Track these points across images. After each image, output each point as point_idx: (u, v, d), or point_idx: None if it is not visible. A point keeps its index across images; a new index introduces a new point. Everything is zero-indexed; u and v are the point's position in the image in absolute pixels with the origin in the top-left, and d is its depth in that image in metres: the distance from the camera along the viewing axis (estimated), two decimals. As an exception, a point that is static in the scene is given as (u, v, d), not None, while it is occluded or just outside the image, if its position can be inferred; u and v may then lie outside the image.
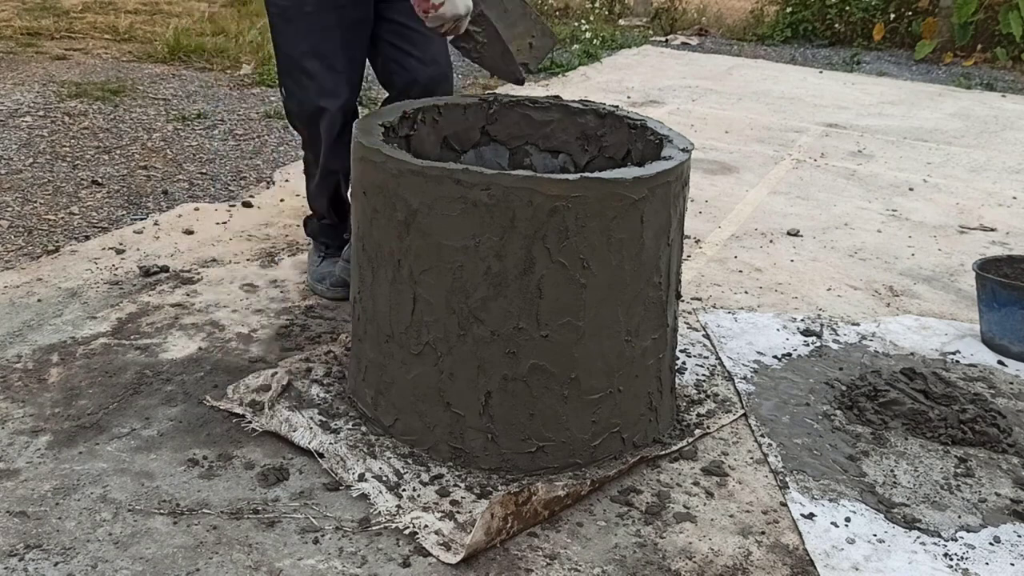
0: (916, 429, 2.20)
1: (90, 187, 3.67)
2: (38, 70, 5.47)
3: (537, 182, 1.79)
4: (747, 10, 9.09)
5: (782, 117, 5.49)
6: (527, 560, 1.73)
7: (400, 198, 1.88)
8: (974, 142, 5.16)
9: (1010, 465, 2.10)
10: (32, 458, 1.95)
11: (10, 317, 2.54)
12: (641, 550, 1.78)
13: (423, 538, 1.75)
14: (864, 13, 8.25)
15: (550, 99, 2.37)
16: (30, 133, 4.29)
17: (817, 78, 6.80)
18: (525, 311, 1.86)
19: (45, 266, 2.88)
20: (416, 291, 1.91)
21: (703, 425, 2.20)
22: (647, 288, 1.96)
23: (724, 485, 2.00)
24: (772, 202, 3.94)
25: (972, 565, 1.78)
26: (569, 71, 6.47)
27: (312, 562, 1.69)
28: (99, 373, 2.28)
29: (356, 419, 2.12)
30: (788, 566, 1.76)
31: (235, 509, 1.82)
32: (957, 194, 4.20)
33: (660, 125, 2.21)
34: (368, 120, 2.10)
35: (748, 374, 2.45)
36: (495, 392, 1.91)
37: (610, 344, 1.93)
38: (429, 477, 1.94)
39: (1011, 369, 2.57)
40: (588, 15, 8.73)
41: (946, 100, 6.24)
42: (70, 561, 1.66)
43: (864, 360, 2.56)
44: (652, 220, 1.91)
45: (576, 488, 1.87)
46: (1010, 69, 7.47)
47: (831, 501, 1.94)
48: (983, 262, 2.74)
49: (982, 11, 7.70)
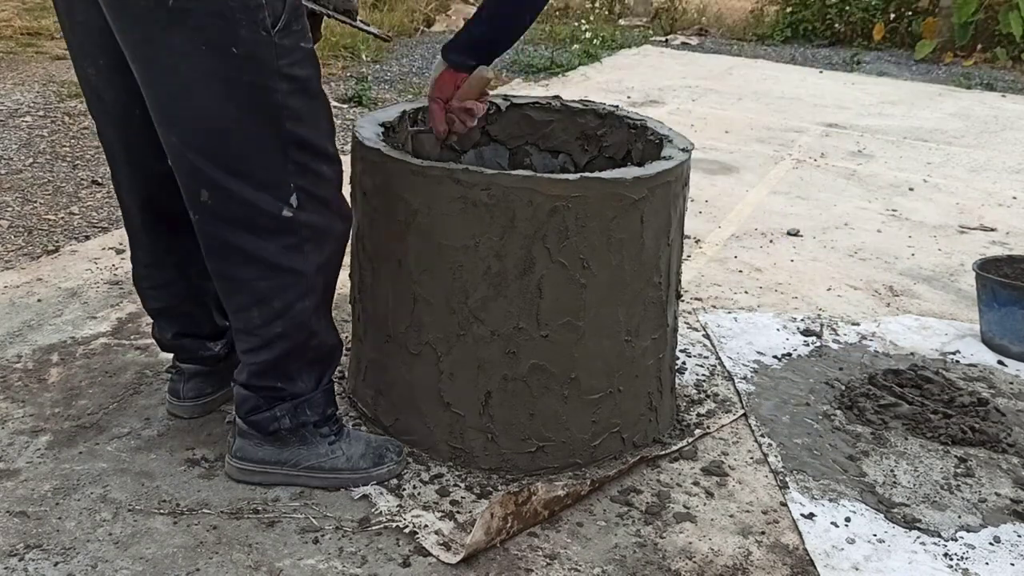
0: (916, 429, 2.20)
1: (90, 187, 3.67)
2: (38, 70, 5.47)
3: (537, 182, 1.79)
4: (747, 10, 9.09)
5: (782, 117, 5.49)
6: (527, 560, 1.73)
7: (400, 198, 1.88)
8: (974, 142, 5.16)
9: (1010, 465, 2.10)
10: (32, 458, 1.95)
11: (10, 317, 2.54)
12: (641, 550, 1.78)
13: (423, 538, 1.75)
14: (864, 13, 8.25)
15: (550, 99, 2.37)
16: (30, 133, 4.29)
17: (817, 78, 6.80)
18: (525, 311, 1.85)
19: (45, 266, 2.88)
20: (416, 291, 1.91)
21: (703, 425, 2.20)
22: (647, 288, 1.96)
23: (724, 485, 2.00)
24: (772, 202, 3.94)
25: (972, 565, 1.78)
26: (569, 71, 6.47)
27: (312, 562, 1.69)
28: (99, 373, 2.28)
29: (356, 419, 2.12)
30: (788, 566, 1.76)
31: (235, 509, 1.82)
32: (957, 194, 4.20)
33: (660, 125, 2.21)
34: (368, 120, 2.10)
35: (748, 374, 2.45)
36: (495, 392, 1.91)
37: (610, 344, 1.93)
38: (429, 477, 1.94)
39: (1011, 369, 2.57)
40: (588, 15, 8.73)
41: (946, 100, 6.24)
42: (70, 561, 1.66)
43: (864, 360, 2.56)
44: (652, 220, 1.91)
45: (576, 488, 1.87)
46: (1010, 69, 7.47)
47: (831, 501, 1.94)
48: (983, 262, 2.74)
49: (982, 11, 7.71)
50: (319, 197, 1.71)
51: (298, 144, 1.65)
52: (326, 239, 1.75)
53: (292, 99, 1.62)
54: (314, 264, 1.74)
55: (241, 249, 1.70)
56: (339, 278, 1.86)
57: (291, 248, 1.70)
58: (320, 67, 1.69)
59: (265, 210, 1.66)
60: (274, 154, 1.64)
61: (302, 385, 1.84)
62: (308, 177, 1.68)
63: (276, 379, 1.81)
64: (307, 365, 1.83)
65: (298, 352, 1.80)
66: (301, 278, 1.73)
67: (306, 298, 1.75)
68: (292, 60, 1.61)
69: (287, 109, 1.62)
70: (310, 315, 1.77)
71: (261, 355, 1.78)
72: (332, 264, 1.80)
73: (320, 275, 1.77)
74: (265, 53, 1.57)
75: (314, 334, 1.80)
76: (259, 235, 1.68)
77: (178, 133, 1.63)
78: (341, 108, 5.09)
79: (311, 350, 1.81)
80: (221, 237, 1.70)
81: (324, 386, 1.88)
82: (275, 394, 1.83)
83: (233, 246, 1.70)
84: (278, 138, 1.63)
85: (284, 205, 1.66)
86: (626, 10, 9.44)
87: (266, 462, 1.88)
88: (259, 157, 1.64)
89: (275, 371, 1.80)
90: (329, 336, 1.86)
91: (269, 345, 1.77)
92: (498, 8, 1.89)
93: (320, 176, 1.71)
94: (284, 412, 1.84)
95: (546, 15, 8.83)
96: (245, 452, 1.88)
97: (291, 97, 1.62)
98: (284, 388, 1.82)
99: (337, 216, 1.77)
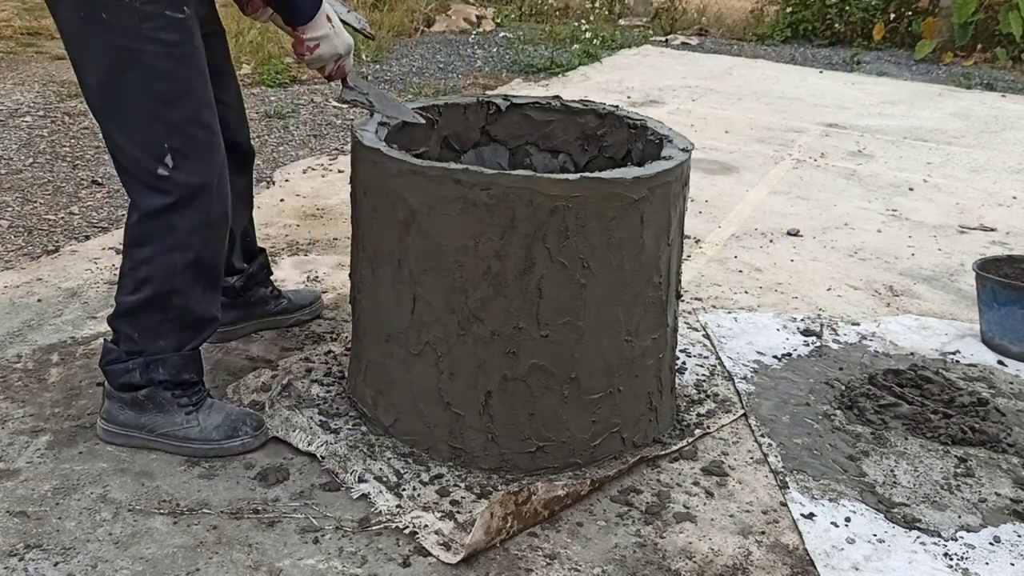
0: (916, 429, 2.20)
1: (90, 187, 3.67)
2: (38, 70, 5.47)
3: (537, 182, 1.79)
4: (747, 10, 9.09)
5: (782, 117, 5.48)
6: (527, 560, 1.73)
7: (400, 198, 1.88)
8: (974, 142, 5.16)
9: (1010, 465, 2.10)
10: (32, 458, 1.95)
11: (10, 317, 2.54)
12: (641, 550, 1.78)
13: (423, 538, 1.75)
14: (864, 13, 8.25)
15: (550, 99, 2.37)
16: (30, 133, 4.30)
17: (817, 78, 6.80)
18: (525, 311, 1.86)
19: (45, 266, 2.88)
20: (416, 291, 1.91)
21: (703, 425, 2.20)
22: (647, 288, 1.96)
23: (724, 485, 2.00)
24: (772, 202, 3.94)
25: (972, 565, 1.78)
26: (569, 71, 6.47)
27: (312, 562, 1.69)
28: (99, 373, 2.28)
29: (356, 419, 2.12)
30: (788, 566, 1.76)
31: (235, 509, 1.82)
32: (957, 194, 4.20)
33: (660, 125, 2.21)
34: (368, 120, 2.10)
35: (748, 374, 2.45)
36: (495, 392, 1.91)
37: (610, 344, 1.93)
38: (429, 477, 1.94)
39: (1011, 369, 2.57)
40: (588, 15, 8.73)
41: (946, 100, 6.24)
42: (70, 561, 1.66)
43: (864, 360, 2.56)
44: (652, 220, 1.91)
45: (576, 488, 1.87)
46: (1010, 69, 7.46)
47: (831, 501, 1.94)
48: (983, 262, 2.74)
49: (982, 11, 7.70)
50: (194, 160, 1.86)
51: (167, 104, 1.82)
52: (199, 202, 1.89)
53: (160, 61, 1.79)
54: (188, 223, 1.89)
55: (132, 198, 1.91)
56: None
57: (167, 204, 1.86)
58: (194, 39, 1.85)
59: (144, 167, 1.85)
60: (148, 113, 1.82)
61: (161, 344, 1.97)
62: (182, 139, 1.84)
63: (134, 328, 1.96)
64: (168, 325, 1.96)
65: (159, 304, 1.93)
66: (172, 232, 1.89)
67: (174, 252, 1.90)
68: (156, 25, 1.78)
69: (156, 70, 1.79)
70: (176, 271, 1.91)
71: (126, 298, 1.95)
72: (209, 235, 1.93)
73: (194, 236, 1.90)
74: (128, 18, 1.76)
75: (178, 292, 1.93)
76: (143, 187, 1.87)
77: (85, 96, 1.87)
78: (341, 108, 5.10)
79: (173, 308, 1.95)
80: (122, 184, 1.93)
81: (185, 352, 1.99)
82: (132, 347, 1.98)
83: (129, 194, 1.92)
84: (150, 97, 1.81)
85: (159, 164, 1.84)
86: (626, 10, 9.44)
87: (127, 425, 2.00)
88: (136, 116, 1.82)
89: (135, 317, 1.95)
90: (199, 305, 1.98)
91: (135, 290, 1.93)
92: None
93: (195, 140, 1.86)
94: (136, 366, 1.97)
95: (546, 15, 8.84)
96: (110, 414, 2.01)
97: (159, 59, 1.79)
98: (139, 343, 1.97)
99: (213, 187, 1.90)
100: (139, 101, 1.80)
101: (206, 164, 1.89)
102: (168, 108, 1.82)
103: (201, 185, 1.88)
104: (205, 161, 1.88)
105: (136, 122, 1.82)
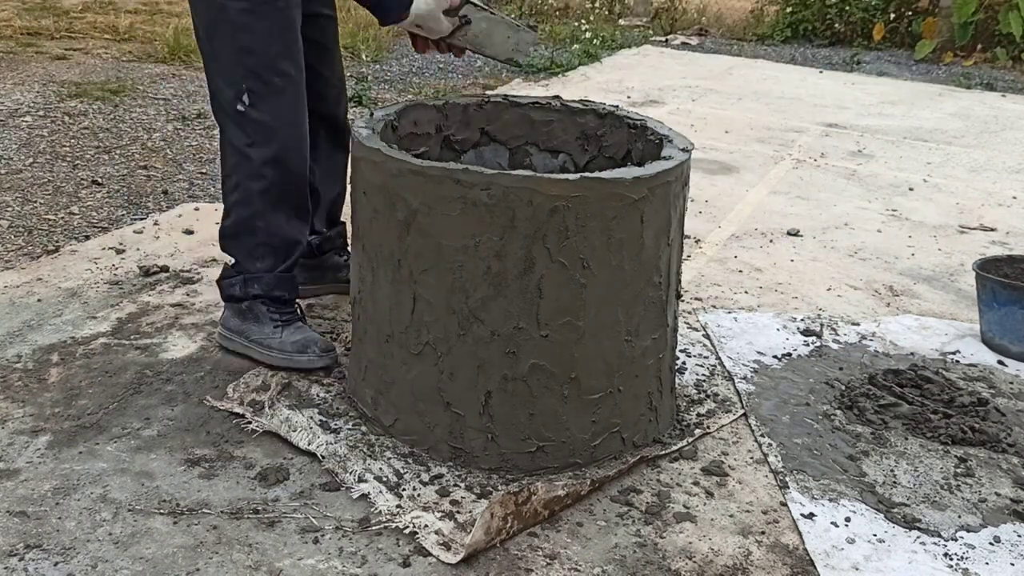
0: (916, 429, 2.20)
1: (90, 187, 3.67)
2: (38, 70, 5.47)
3: (537, 182, 1.79)
4: (747, 10, 9.10)
5: (782, 117, 5.49)
6: (527, 560, 1.73)
7: (400, 198, 1.88)
8: (974, 142, 5.16)
9: (1010, 465, 2.10)
10: (32, 458, 1.95)
11: (10, 317, 2.54)
12: (641, 550, 1.78)
13: (423, 538, 1.75)
14: (864, 13, 8.26)
15: (550, 99, 2.37)
16: (30, 133, 4.30)
17: (817, 78, 6.80)
18: (525, 311, 1.86)
19: (45, 266, 2.88)
20: (416, 291, 1.91)
21: (703, 425, 2.20)
22: (647, 288, 1.96)
23: (724, 485, 2.00)
24: (772, 202, 3.94)
25: (972, 565, 1.78)
26: (569, 71, 6.47)
27: (312, 562, 1.69)
28: (99, 373, 2.28)
29: (356, 419, 2.12)
30: (788, 566, 1.76)
31: (235, 509, 1.82)
32: (957, 194, 4.20)
33: (660, 125, 2.21)
34: (368, 120, 2.10)
35: (748, 374, 2.45)
36: (495, 392, 1.91)
37: (610, 344, 1.93)
38: (429, 477, 1.94)
39: (1011, 369, 2.57)
40: (588, 15, 8.73)
41: (946, 100, 6.24)
42: (70, 561, 1.66)
43: (864, 360, 2.56)
44: (652, 220, 1.91)
45: (576, 488, 1.88)
46: (1010, 69, 7.47)
47: (831, 501, 1.94)
48: (983, 262, 2.74)
49: (982, 11, 7.71)
50: (268, 101, 2.19)
51: (247, 52, 2.16)
52: (272, 139, 2.21)
53: (243, 17, 2.14)
54: (261, 156, 2.21)
55: (223, 130, 2.27)
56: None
57: (245, 137, 2.21)
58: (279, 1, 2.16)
59: (228, 102, 2.20)
60: (232, 58, 2.18)
61: (257, 265, 2.31)
62: (258, 82, 2.17)
63: (235, 249, 2.33)
64: (261, 249, 2.30)
65: (249, 226, 2.28)
66: (248, 162, 2.22)
67: (253, 181, 2.23)
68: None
69: (239, 24, 2.15)
70: (255, 196, 2.24)
71: (225, 222, 2.33)
72: (281, 169, 2.23)
73: (266, 168, 2.22)
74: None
75: (261, 215, 2.26)
76: (229, 121, 2.22)
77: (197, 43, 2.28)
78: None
79: (260, 232, 2.28)
80: (215, 119, 2.29)
81: (278, 272, 2.32)
82: (236, 267, 2.34)
83: (220, 127, 2.28)
84: (234, 45, 2.16)
85: (238, 101, 2.18)
86: (626, 10, 9.45)
87: (233, 331, 2.36)
88: (224, 60, 2.19)
89: (233, 240, 2.32)
90: (282, 229, 2.30)
91: (229, 212, 2.31)
92: None
93: (270, 85, 2.18)
94: (237, 282, 2.33)
95: (546, 15, 8.84)
96: (225, 320, 2.39)
97: (242, 15, 2.14)
98: (240, 263, 2.32)
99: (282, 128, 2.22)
100: (226, 48, 2.17)
101: (279, 107, 2.20)
102: (248, 56, 2.16)
103: (272, 124, 2.19)
104: (278, 104, 2.20)
105: (224, 65, 2.18)
